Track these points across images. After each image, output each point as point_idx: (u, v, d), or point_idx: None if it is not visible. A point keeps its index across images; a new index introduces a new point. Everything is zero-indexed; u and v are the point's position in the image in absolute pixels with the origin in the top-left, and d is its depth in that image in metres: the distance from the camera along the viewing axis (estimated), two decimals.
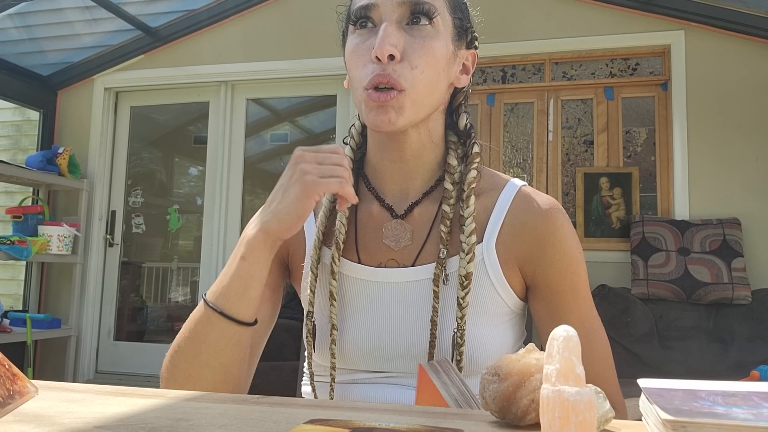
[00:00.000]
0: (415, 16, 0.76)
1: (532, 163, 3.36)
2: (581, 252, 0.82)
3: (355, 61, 0.78)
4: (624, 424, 0.50)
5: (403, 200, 0.84)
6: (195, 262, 3.94)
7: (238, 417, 0.47)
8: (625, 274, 3.01)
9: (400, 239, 0.82)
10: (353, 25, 0.80)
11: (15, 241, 3.32)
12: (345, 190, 0.72)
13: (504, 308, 0.81)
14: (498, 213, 0.81)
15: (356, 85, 0.78)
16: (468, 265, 0.77)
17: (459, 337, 0.76)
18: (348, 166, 0.74)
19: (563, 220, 0.81)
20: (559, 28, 3.33)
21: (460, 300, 0.77)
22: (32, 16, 3.70)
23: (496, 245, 0.80)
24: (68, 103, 4.06)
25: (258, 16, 3.80)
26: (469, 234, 0.78)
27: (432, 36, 0.77)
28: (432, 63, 0.77)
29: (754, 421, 0.37)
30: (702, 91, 3.12)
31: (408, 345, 0.79)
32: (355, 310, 0.82)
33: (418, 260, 0.81)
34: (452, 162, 0.83)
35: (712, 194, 3.05)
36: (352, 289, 0.83)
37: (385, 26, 0.75)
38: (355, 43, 0.79)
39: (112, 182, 4.05)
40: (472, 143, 0.85)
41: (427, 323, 0.78)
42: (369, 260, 0.83)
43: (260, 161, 4.21)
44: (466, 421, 0.50)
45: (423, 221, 0.83)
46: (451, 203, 0.81)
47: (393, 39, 0.74)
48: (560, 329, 0.40)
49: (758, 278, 2.90)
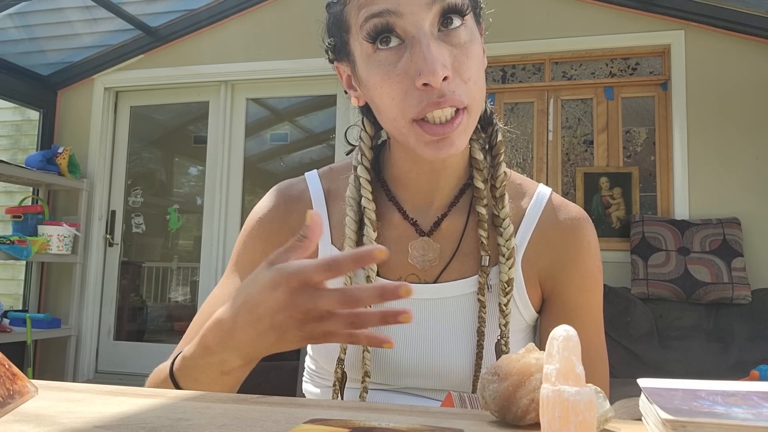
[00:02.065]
0: (447, 17, 0.65)
1: (532, 163, 3.36)
2: (601, 271, 0.79)
3: (390, 90, 0.65)
4: (624, 423, 0.50)
5: (427, 211, 0.77)
6: (195, 261, 3.94)
7: (238, 417, 0.47)
8: (625, 273, 3.01)
9: (427, 259, 0.76)
10: (370, 43, 0.66)
11: (15, 241, 3.32)
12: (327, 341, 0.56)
13: (522, 324, 0.78)
14: (527, 225, 0.77)
15: (396, 116, 0.66)
16: (509, 270, 0.73)
17: (504, 345, 0.73)
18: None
19: (591, 236, 0.78)
20: (559, 27, 3.33)
21: (503, 307, 0.73)
22: (32, 16, 3.69)
23: (522, 261, 0.76)
24: (68, 102, 4.06)
25: (258, 15, 3.80)
26: (508, 237, 0.74)
27: (469, 38, 0.66)
28: (480, 68, 0.67)
29: (754, 421, 0.37)
30: (702, 90, 3.12)
31: (440, 364, 0.74)
32: (379, 329, 0.74)
33: (441, 277, 0.76)
34: (478, 156, 0.76)
35: (712, 194, 3.06)
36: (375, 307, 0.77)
37: (426, 45, 0.62)
38: (383, 69, 0.65)
39: (112, 182, 4.05)
40: (495, 131, 0.77)
41: (458, 341, 0.74)
42: (388, 274, 0.76)
43: (260, 161, 4.21)
44: (466, 420, 0.50)
45: (450, 236, 0.76)
46: (485, 204, 0.75)
47: (442, 59, 0.62)
48: (560, 329, 0.40)
49: (758, 278, 2.90)
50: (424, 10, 0.63)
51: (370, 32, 0.65)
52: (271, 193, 0.83)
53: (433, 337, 0.75)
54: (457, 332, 0.75)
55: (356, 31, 0.68)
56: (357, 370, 0.75)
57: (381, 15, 0.64)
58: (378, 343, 0.54)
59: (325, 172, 0.84)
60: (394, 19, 0.64)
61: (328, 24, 0.74)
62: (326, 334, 0.54)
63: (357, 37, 0.68)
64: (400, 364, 0.75)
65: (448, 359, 0.74)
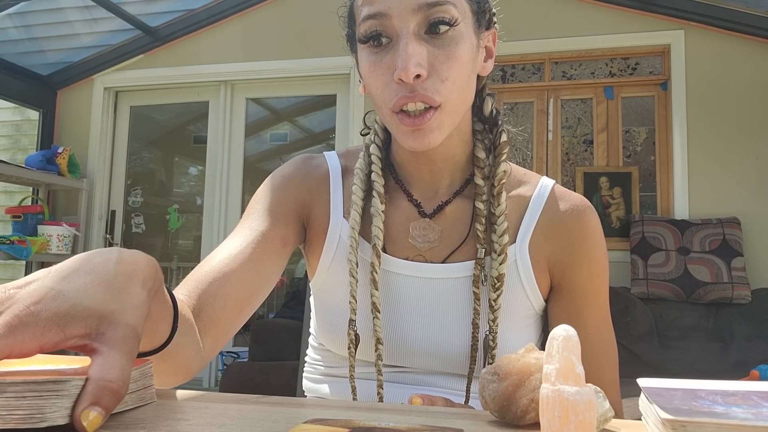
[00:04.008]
0: (435, 26, 0.69)
1: (532, 163, 3.36)
2: (607, 258, 0.81)
3: (374, 81, 0.71)
4: (624, 423, 0.50)
5: (432, 197, 0.80)
6: (195, 261, 3.94)
7: (237, 416, 0.47)
8: (625, 273, 3.01)
9: (427, 239, 0.79)
10: (363, 44, 0.72)
11: (15, 241, 3.32)
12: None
13: (531, 311, 0.79)
14: (532, 213, 0.79)
15: (381, 105, 0.72)
16: (500, 267, 0.75)
17: (491, 340, 0.75)
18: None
19: (596, 223, 0.80)
20: (559, 27, 3.33)
21: (492, 302, 0.75)
22: (32, 16, 3.70)
23: (529, 246, 0.78)
24: (68, 102, 4.06)
25: (257, 15, 3.80)
26: (501, 234, 0.76)
27: (456, 40, 0.70)
28: (461, 70, 0.70)
29: (754, 421, 0.37)
30: (702, 90, 3.12)
31: (441, 344, 0.77)
32: (385, 303, 0.78)
33: (450, 258, 0.78)
34: (480, 155, 0.79)
35: (712, 194, 3.06)
36: (382, 280, 0.78)
37: (405, 43, 0.68)
38: (371, 61, 0.72)
39: (112, 182, 4.06)
40: (500, 131, 0.80)
41: (461, 323, 0.77)
42: (396, 252, 0.79)
43: (260, 161, 4.22)
44: (466, 420, 0.50)
45: (456, 219, 0.79)
46: (484, 200, 0.78)
47: (417, 57, 0.67)
48: (560, 329, 0.40)
49: (758, 278, 2.90)
50: (410, 14, 0.69)
51: (364, 33, 0.71)
52: (295, 159, 0.88)
53: (437, 316, 0.77)
54: (460, 313, 0.77)
55: (358, 27, 0.73)
56: (369, 345, 0.77)
57: (374, 17, 0.70)
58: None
59: (343, 152, 0.89)
60: (384, 21, 0.70)
61: (345, 15, 0.79)
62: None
63: (358, 32, 0.73)
64: (405, 341, 0.78)
65: (451, 338, 0.77)
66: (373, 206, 0.78)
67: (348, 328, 0.77)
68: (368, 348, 0.78)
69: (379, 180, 0.79)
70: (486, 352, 0.75)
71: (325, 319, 0.82)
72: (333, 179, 0.84)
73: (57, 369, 0.47)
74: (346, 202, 0.82)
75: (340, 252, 0.80)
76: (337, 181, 0.84)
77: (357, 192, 0.79)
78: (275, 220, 0.80)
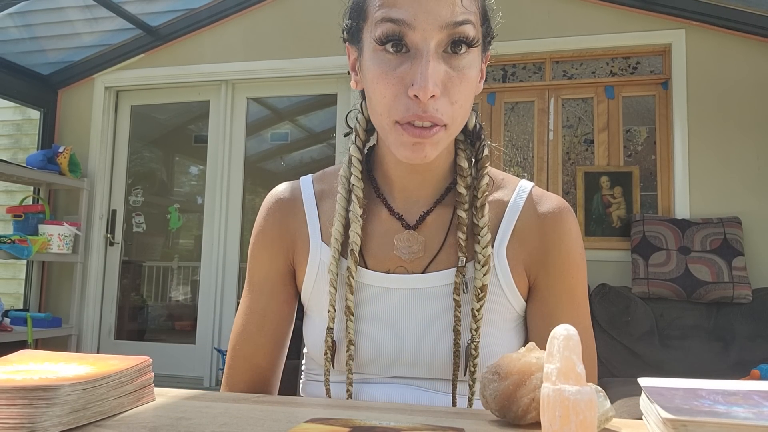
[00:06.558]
0: (457, 44, 0.69)
1: (533, 162, 3.36)
2: (584, 258, 0.81)
3: (382, 89, 0.69)
4: (624, 423, 0.50)
5: (413, 207, 0.81)
6: (195, 261, 3.95)
7: (238, 416, 0.47)
8: (626, 273, 3.01)
9: (412, 251, 0.79)
10: (379, 45, 0.70)
11: (16, 240, 3.32)
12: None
13: (513, 314, 0.80)
14: (509, 218, 0.80)
15: (382, 113, 0.70)
16: (484, 277, 0.75)
17: (474, 349, 0.75)
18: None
19: (571, 223, 0.81)
20: (560, 26, 3.33)
21: (475, 312, 0.75)
22: (32, 15, 3.70)
23: (507, 250, 0.79)
24: (69, 102, 4.06)
25: (258, 15, 3.80)
26: (485, 245, 0.76)
27: (470, 63, 0.70)
28: (469, 93, 0.71)
29: (755, 420, 0.37)
30: (702, 90, 3.12)
31: (424, 353, 0.77)
32: (366, 317, 0.79)
33: (429, 267, 0.79)
34: (463, 164, 0.80)
35: (713, 193, 3.05)
36: (363, 295, 0.80)
37: (427, 61, 0.66)
38: (382, 68, 0.69)
39: (113, 181, 4.06)
40: (482, 145, 0.81)
41: (442, 330, 0.77)
42: (377, 266, 0.80)
43: (261, 160, 4.21)
44: (467, 420, 0.49)
45: (436, 229, 0.80)
46: (466, 208, 0.78)
47: (436, 77, 0.67)
48: (560, 328, 0.40)
49: (759, 277, 2.89)
50: (435, 30, 0.67)
51: (382, 35, 0.69)
52: (265, 203, 0.88)
53: (419, 326, 0.78)
54: (441, 321, 0.78)
55: (371, 25, 0.71)
56: (341, 365, 0.79)
57: (396, 22, 0.68)
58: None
59: (318, 176, 0.89)
60: (406, 30, 0.67)
61: (350, 6, 0.77)
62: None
63: (370, 29, 0.71)
64: (387, 352, 0.79)
65: (433, 346, 0.77)
66: (351, 210, 0.79)
67: (326, 335, 0.79)
68: (360, 362, 0.79)
69: (358, 184, 0.80)
70: (468, 360, 0.75)
71: (308, 330, 0.84)
72: (307, 206, 0.85)
73: (52, 368, 0.47)
74: (323, 225, 0.83)
75: (321, 274, 0.82)
76: (311, 207, 0.85)
77: (341, 201, 0.80)
78: (275, 292, 0.85)
